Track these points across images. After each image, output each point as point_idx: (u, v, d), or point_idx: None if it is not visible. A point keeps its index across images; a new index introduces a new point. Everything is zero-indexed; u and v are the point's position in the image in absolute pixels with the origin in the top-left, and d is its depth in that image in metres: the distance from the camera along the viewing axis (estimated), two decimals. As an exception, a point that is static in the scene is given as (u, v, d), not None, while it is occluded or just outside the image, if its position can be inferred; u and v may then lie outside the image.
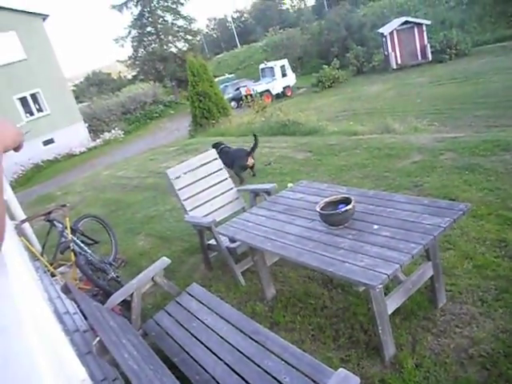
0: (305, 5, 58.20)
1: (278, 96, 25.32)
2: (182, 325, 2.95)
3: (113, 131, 25.05)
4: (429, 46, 23.44)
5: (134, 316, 3.10)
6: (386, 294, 2.60)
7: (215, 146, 6.70)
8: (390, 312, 2.60)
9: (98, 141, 23.90)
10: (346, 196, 3.00)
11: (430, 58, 23.31)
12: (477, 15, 26.55)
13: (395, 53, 24.08)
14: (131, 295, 3.06)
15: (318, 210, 2.94)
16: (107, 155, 19.35)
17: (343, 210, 2.83)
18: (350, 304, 3.28)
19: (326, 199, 3.06)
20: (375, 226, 2.77)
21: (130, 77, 42.53)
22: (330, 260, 2.54)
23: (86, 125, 24.89)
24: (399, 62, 24.01)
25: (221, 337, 2.68)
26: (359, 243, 2.63)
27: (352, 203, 2.84)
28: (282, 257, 2.91)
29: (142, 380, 2.01)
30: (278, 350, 2.38)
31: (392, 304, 2.65)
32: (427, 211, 2.75)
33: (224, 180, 4.58)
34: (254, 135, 6.76)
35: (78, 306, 3.17)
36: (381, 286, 2.25)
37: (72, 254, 4.21)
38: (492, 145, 5.72)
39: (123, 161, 13.27)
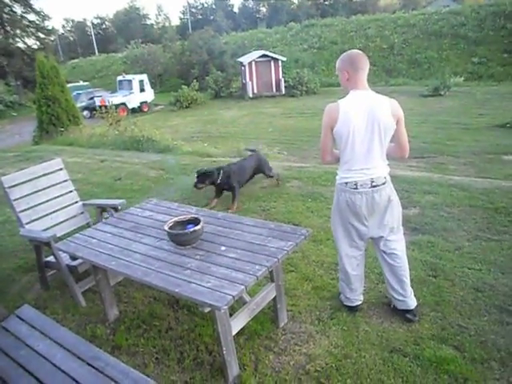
0: (169, 23, 58.45)
1: (133, 110, 24.72)
2: (6, 354, 2.59)
3: None
4: (283, 80, 25.18)
5: None
6: (231, 315, 2.62)
7: (201, 171, 5.63)
8: (234, 332, 2.63)
9: None
10: (195, 216, 3.00)
11: (284, 92, 25.04)
12: (325, 59, 29.57)
13: (252, 82, 25.35)
14: None
15: (166, 228, 2.88)
16: None
17: (191, 230, 2.82)
18: (195, 325, 3.24)
19: (175, 218, 3.03)
20: (223, 248, 2.80)
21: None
22: (177, 280, 2.49)
23: None
24: (255, 91, 25.32)
25: (54, 365, 2.41)
26: (206, 264, 2.63)
27: (201, 224, 2.85)
28: (127, 276, 2.77)
29: None
30: (118, 376, 2.22)
31: (236, 324, 2.68)
32: (273, 234, 2.88)
33: (68, 192, 4.25)
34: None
35: None
36: (226, 307, 2.26)
37: None
38: (332, 176, 6.20)
39: None
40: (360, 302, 3.26)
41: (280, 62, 25.62)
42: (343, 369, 2.70)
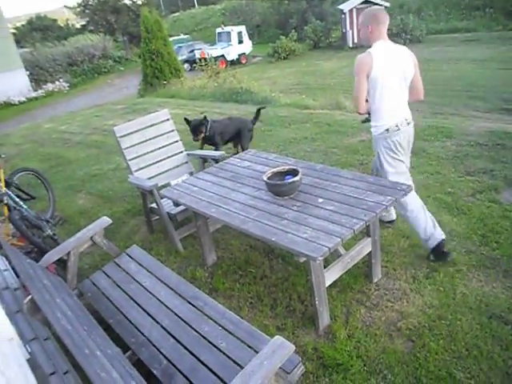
0: (268, -28, 56.89)
1: (232, 62, 24.84)
2: (119, 286, 2.89)
3: (57, 83, 23.60)
4: (385, 28, 23.68)
5: (70, 275, 2.99)
6: (325, 267, 2.65)
7: (195, 122, 5.29)
8: (327, 284, 2.67)
9: (39, 91, 22.46)
10: (294, 168, 3.01)
11: (386, 41, 23.59)
12: (433, 3, 27.04)
13: (353, 31, 24.12)
14: (68, 254, 2.94)
15: (264, 179, 2.94)
16: (49, 107, 18.32)
17: (290, 181, 2.84)
18: (289, 274, 3.34)
19: (274, 169, 3.06)
20: (320, 200, 2.80)
21: (78, 26, 40.00)
22: (274, 230, 2.55)
23: (28, 73, 23.29)
24: (356, 40, 24.14)
25: (159, 300, 2.66)
26: (303, 215, 2.66)
27: (299, 175, 2.86)
28: (226, 223, 2.89)
29: (74, 340, 1.96)
30: (215, 316, 2.39)
31: (330, 276, 2.72)
32: (371, 189, 2.81)
33: (174, 142, 4.46)
34: (258, 109, 6.15)
35: (10, 263, 3.01)
36: (321, 258, 2.29)
37: (5, 208, 4.00)
38: (436, 131, 5.93)
39: (66, 115, 12.64)
40: (444, 236, 3.23)
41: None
42: (436, 329, 2.65)
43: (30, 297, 2.29)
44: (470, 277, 3.06)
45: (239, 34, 26.14)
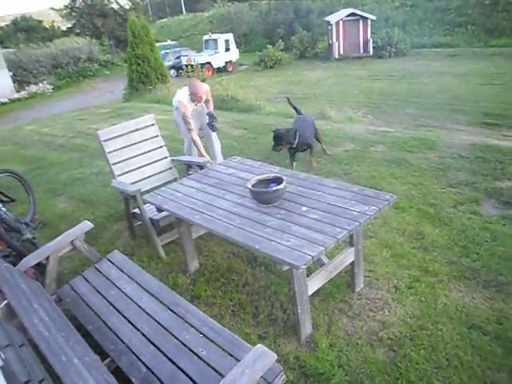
0: (256, -19, 57.35)
1: (219, 70, 24.86)
2: (99, 292, 2.84)
3: (40, 84, 23.27)
4: (371, 40, 23.96)
5: (49, 280, 2.93)
6: (307, 275, 2.65)
7: (279, 131, 5.39)
8: (310, 293, 2.67)
9: (22, 92, 22.12)
10: (278, 176, 3.02)
11: (371, 53, 23.86)
12: (418, 18, 27.57)
13: (339, 42, 24.40)
14: (47, 258, 2.89)
15: (249, 186, 2.93)
16: (32, 110, 18.05)
17: (274, 189, 2.84)
18: (271, 283, 3.33)
19: (258, 177, 3.06)
20: (304, 208, 2.80)
21: (64, 28, 39.60)
22: (257, 237, 2.54)
23: (10, 73, 22.98)
24: (342, 52, 24.38)
25: (139, 306, 2.62)
26: (287, 223, 2.66)
27: (283, 183, 2.86)
28: (209, 230, 2.88)
29: (51, 347, 1.91)
30: (196, 323, 2.36)
31: (313, 285, 2.71)
32: (355, 198, 2.83)
33: (158, 148, 4.43)
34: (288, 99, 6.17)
35: (-15, 266, 2.94)
36: (304, 267, 2.29)
37: (-17, 210, 3.92)
38: (419, 142, 6.01)
39: (50, 117, 12.49)
40: None
41: (369, 21, 24.32)
42: (417, 339, 2.66)
43: (5, 302, 2.24)
44: (451, 287, 3.09)
45: (226, 41, 26.21)
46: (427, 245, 3.60)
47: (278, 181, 2.93)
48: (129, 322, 2.51)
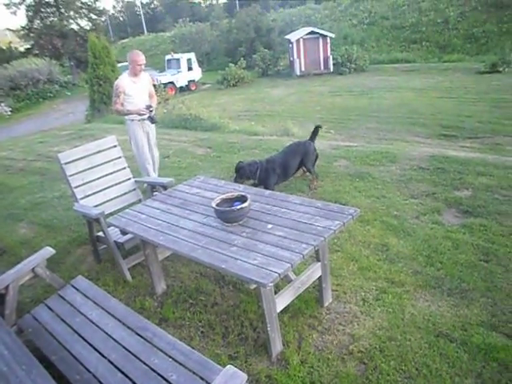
0: (217, 1, 58.15)
1: (182, 89, 24.94)
2: (63, 320, 2.74)
3: (-2, 107, 22.86)
4: (331, 57, 24.59)
5: (8, 311, 2.81)
6: (275, 293, 2.64)
7: (241, 164, 5.17)
8: (279, 310, 2.65)
9: (-21, 116, 21.64)
10: (242, 194, 3.02)
11: (332, 70, 24.47)
12: (375, 36, 28.59)
13: (300, 60, 24.91)
14: (6, 287, 2.78)
15: (213, 205, 2.92)
16: (-11, 133, 17.60)
17: (238, 207, 2.84)
18: (240, 301, 3.30)
19: (222, 196, 3.05)
20: (269, 226, 2.81)
21: (22, 49, 38.89)
22: (223, 257, 2.52)
23: (-34, 96, 22.37)
24: (303, 69, 24.88)
25: (105, 333, 2.54)
26: (253, 241, 2.65)
27: (248, 201, 2.86)
28: (175, 251, 2.84)
29: (10, 383, 1.82)
30: (165, 347, 2.31)
31: (281, 302, 2.70)
32: (320, 214, 2.85)
33: (122, 169, 4.36)
34: (316, 127, 5.74)
35: None
36: (272, 285, 2.28)
37: None
38: (381, 156, 6.14)
39: (8, 140, 12.20)
40: None
41: (328, 39, 25.01)
42: (387, 350, 2.68)
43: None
44: (417, 297, 3.15)
45: (188, 60, 26.33)
46: (392, 256, 3.66)
47: (243, 199, 2.93)
48: (95, 349, 2.43)
